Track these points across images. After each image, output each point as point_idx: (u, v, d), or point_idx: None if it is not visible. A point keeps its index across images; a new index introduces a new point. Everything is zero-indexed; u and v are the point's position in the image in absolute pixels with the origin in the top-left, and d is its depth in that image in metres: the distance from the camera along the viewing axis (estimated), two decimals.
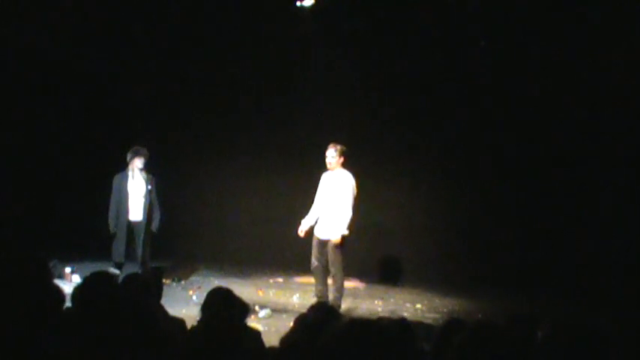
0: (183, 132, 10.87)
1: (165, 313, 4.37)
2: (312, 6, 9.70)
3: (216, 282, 8.64)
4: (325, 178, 7.86)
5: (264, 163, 10.57)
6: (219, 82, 10.57)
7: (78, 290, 3.89)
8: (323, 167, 9.80)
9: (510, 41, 9.29)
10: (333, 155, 7.71)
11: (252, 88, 10.52)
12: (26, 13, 9.72)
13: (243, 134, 10.62)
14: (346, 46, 10.00)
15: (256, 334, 4.09)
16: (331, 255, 7.64)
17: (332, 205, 7.71)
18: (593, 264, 8.77)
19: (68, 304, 3.83)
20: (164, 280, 7.83)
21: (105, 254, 8.70)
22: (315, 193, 8.03)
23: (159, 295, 4.51)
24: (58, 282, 5.80)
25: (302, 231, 7.88)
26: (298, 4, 9.70)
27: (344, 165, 7.75)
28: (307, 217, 7.91)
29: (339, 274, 7.65)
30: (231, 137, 10.66)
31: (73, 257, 8.98)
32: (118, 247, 8.55)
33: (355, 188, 7.72)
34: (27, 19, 9.73)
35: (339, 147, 7.73)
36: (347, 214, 7.58)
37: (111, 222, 8.55)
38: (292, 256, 10.19)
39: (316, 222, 7.85)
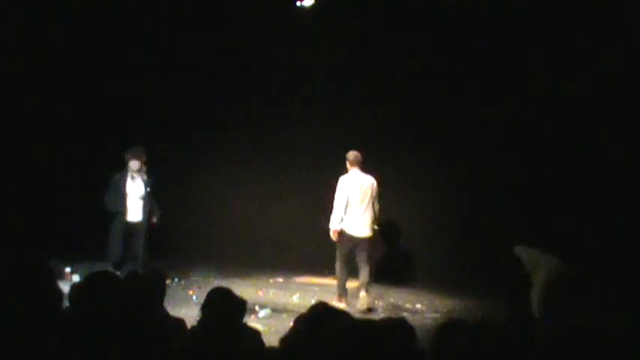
0: (183, 132, 10.87)
1: (166, 313, 4.37)
2: (312, 6, 9.70)
3: (216, 282, 8.63)
4: None
5: (265, 164, 10.58)
6: (219, 82, 10.57)
7: (77, 290, 3.88)
8: (323, 167, 9.84)
9: (510, 41, 9.30)
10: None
11: (251, 88, 10.52)
12: (27, 12, 9.74)
13: (244, 134, 10.62)
14: (346, 46, 10.00)
15: (256, 334, 4.09)
16: None
17: None
18: (593, 263, 8.76)
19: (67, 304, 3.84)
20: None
21: (105, 254, 8.71)
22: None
23: (162, 296, 4.47)
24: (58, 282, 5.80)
25: None
26: (298, 4, 9.70)
27: (354, 166, 8.26)
28: None
29: (336, 267, 8.31)
30: (232, 137, 10.66)
31: (73, 257, 8.97)
32: (114, 248, 8.54)
33: (348, 187, 8.18)
34: (28, 18, 9.75)
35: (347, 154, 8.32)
36: (333, 211, 8.16)
37: (110, 206, 8.50)
38: (292, 256, 10.20)
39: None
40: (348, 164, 8.22)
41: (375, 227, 8.41)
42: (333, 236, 8.17)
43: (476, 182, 9.69)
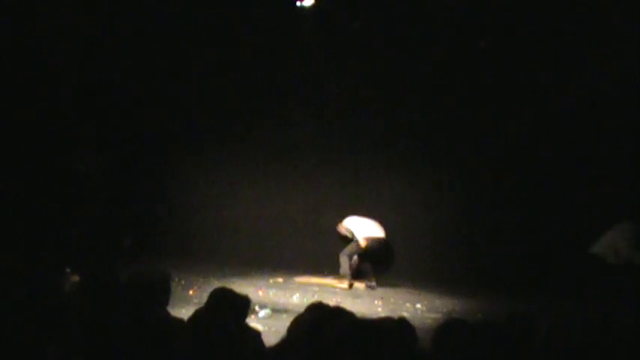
0: (184, 132, 10.87)
1: (166, 313, 4.36)
2: (312, 6, 9.71)
3: (216, 282, 8.64)
4: None
5: (265, 164, 10.58)
6: (218, 81, 10.56)
7: (76, 289, 3.88)
8: (324, 168, 9.86)
9: (510, 42, 9.30)
10: (342, 233, 9.74)
11: (251, 87, 10.51)
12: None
13: (243, 135, 10.62)
14: (346, 46, 10.01)
15: (256, 334, 4.09)
16: None
17: None
18: (593, 264, 8.76)
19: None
20: None
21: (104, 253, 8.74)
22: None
23: (166, 301, 4.42)
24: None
25: None
26: (298, 4, 9.71)
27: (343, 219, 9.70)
28: None
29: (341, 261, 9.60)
30: (232, 138, 10.66)
31: (73, 256, 8.97)
32: None
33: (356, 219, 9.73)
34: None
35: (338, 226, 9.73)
36: (356, 233, 9.62)
37: None
38: (292, 256, 10.20)
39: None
40: (340, 225, 9.69)
41: None
42: (365, 244, 9.50)
43: (476, 183, 9.69)
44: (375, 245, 9.53)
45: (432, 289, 9.25)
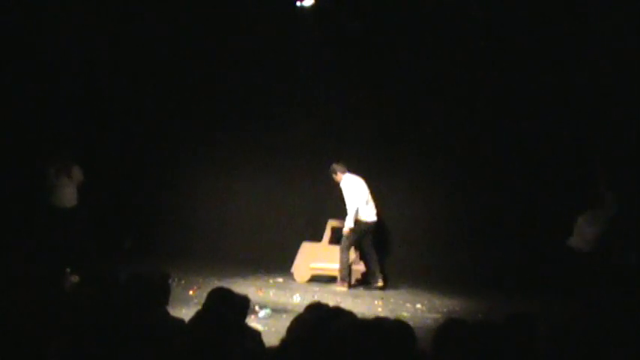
0: (183, 132, 10.87)
1: (166, 313, 4.36)
2: (312, 6, 9.71)
3: (216, 282, 8.64)
4: None
5: (265, 164, 10.57)
6: (218, 82, 10.56)
7: (77, 290, 3.88)
8: (324, 168, 9.86)
9: (509, 41, 9.30)
10: (333, 177, 9.44)
11: (251, 88, 10.51)
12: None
13: (244, 135, 10.61)
14: (346, 46, 10.01)
15: (256, 334, 4.09)
16: None
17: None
18: (592, 263, 8.76)
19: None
20: None
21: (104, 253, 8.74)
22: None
23: (165, 301, 4.42)
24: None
25: None
26: (298, 4, 9.72)
27: (345, 172, 9.37)
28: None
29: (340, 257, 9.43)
30: (232, 138, 10.65)
31: (75, 256, 8.98)
32: None
33: (357, 187, 9.34)
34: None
35: (331, 167, 9.41)
36: (351, 212, 9.23)
37: None
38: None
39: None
40: (339, 173, 9.33)
41: None
42: (348, 233, 9.25)
43: (475, 183, 9.69)
44: (365, 228, 9.37)
45: (432, 289, 9.25)
